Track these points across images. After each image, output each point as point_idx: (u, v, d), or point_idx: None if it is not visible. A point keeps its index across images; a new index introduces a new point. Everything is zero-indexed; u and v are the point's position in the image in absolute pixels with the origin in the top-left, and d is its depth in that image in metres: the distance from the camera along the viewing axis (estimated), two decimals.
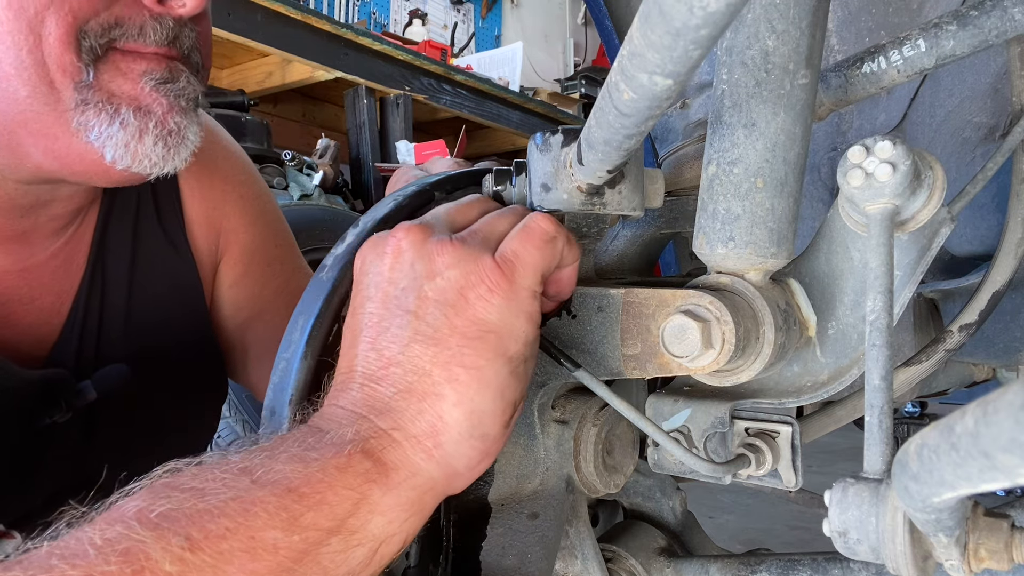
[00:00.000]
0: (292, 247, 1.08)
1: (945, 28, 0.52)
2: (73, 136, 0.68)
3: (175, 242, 0.92)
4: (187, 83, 0.72)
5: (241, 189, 0.99)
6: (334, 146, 3.06)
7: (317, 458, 0.44)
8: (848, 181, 0.44)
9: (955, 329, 0.64)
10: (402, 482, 0.46)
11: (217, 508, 0.40)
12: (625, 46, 0.35)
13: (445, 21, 5.83)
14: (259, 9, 2.93)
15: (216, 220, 0.96)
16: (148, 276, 0.89)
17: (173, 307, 0.91)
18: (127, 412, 0.84)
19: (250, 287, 1.00)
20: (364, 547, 0.44)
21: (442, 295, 0.48)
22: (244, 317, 1.00)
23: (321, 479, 0.43)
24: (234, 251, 0.98)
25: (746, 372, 0.53)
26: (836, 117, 0.90)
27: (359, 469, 0.44)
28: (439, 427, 0.46)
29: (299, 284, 1.04)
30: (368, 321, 0.49)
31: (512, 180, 0.60)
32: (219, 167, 0.97)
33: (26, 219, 0.77)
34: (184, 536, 0.38)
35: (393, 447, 0.46)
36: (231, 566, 0.39)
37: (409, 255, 0.49)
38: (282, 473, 0.43)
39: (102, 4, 0.66)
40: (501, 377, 0.47)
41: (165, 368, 0.89)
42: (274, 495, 0.42)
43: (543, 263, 0.50)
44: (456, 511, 0.60)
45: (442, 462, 0.47)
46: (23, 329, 0.80)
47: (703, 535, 0.77)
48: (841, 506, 0.41)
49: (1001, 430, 0.23)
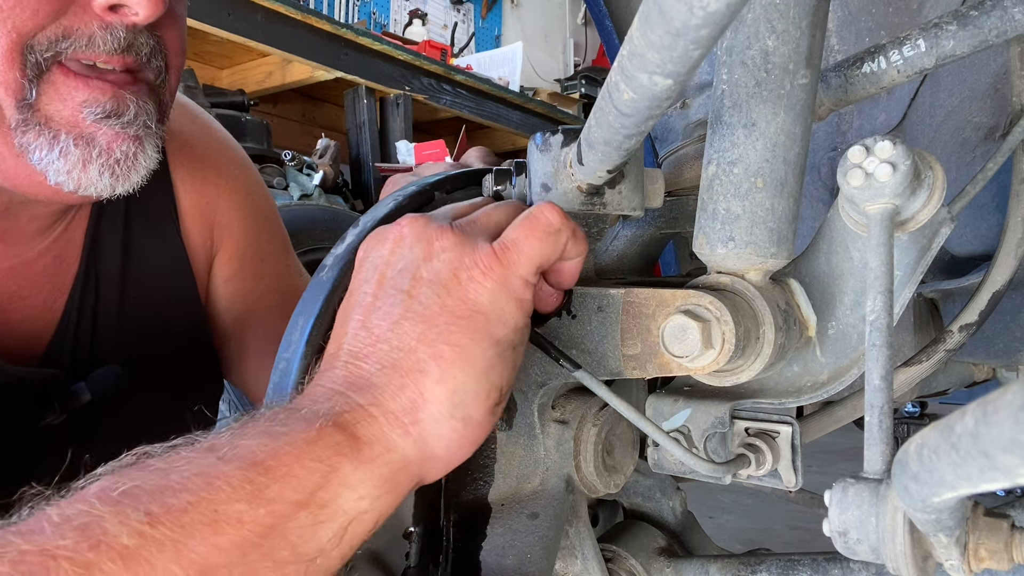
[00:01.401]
0: (285, 243, 1.07)
1: (945, 28, 0.52)
2: (18, 156, 0.66)
3: (168, 239, 0.92)
4: (137, 112, 0.69)
5: (235, 184, 0.98)
6: (334, 146, 3.06)
7: (286, 432, 0.43)
8: (848, 181, 0.44)
9: (955, 329, 0.64)
10: (375, 457, 0.45)
11: (179, 483, 0.40)
12: (625, 46, 0.35)
13: (445, 21, 5.83)
14: (259, 9, 2.93)
15: (210, 215, 0.96)
16: (141, 273, 0.89)
17: (167, 304, 0.91)
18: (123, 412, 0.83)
19: (244, 282, 1.00)
20: (334, 523, 0.43)
21: (436, 276, 0.48)
22: (237, 312, 0.99)
23: (289, 452, 0.42)
24: (229, 246, 0.98)
25: (746, 372, 0.53)
26: (836, 117, 0.90)
27: (329, 442, 0.43)
28: (419, 403, 0.46)
29: (292, 281, 1.04)
30: (362, 301, 0.49)
31: (512, 180, 0.60)
32: (213, 161, 0.96)
33: (3, 220, 0.76)
34: (144, 511, 0.38)
35: (368, 421, 0.45)
36: (192, 539, 0.38)
37: (409, 239, 0.49)
38: (248, 448, 0.42)
39: (48, 17, 0.64)
40: (487, 358, 0.47)
41: (160, 366, 0.89)
42: (239, 468, 0.41)
43: (542, 254, 0.50)
44: (456, 511, 0.60)
45: (419, 440, 0.46)
46: (14, 327, 0.79)
47: (703, 535, 0.77)
48: (841, 506, 0.40)
49: (1001, 430, 0.23)
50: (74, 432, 0.80)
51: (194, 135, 0.95)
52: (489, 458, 0.60)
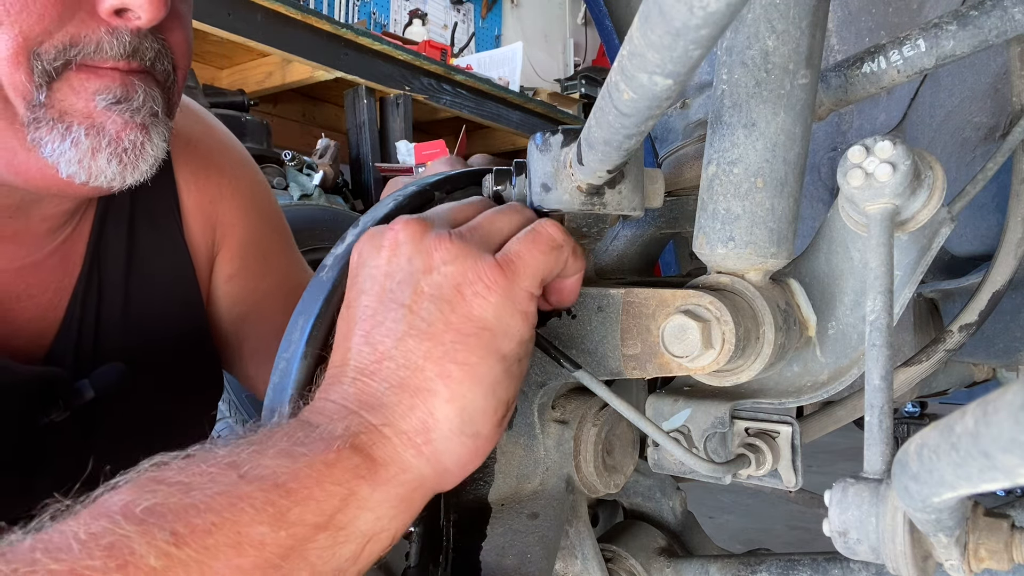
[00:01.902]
0: (289, 241, 1.07)
1: (945, 28, 0.52)
2: (30, 152, 0.67)
3: (171, 238, 0.92)
4: (145, 98, 0.70)
5: (238, 183, 0.99)
6: (334, 146, 3.06)
7: (305, 453, 0.44)
8: (848, 181, 0.44)
9: (955, 329, 0.65)
10: (391, 479, 0.45)
11: (203, 503, 0.40)
12: (625, 46, 0.35)
13: (445, 21, 5.83)
14: (259, 9, 2.93)
15: (212, 213, 0.96)
16: (144, 273, 0.89)
17: (170, 304, 0.91)
18: (126, 410, 0.84)
19: (247, 281, 1.00)
20: (352, 543, 0.43)
21: (438, 290, 0.47)
22: (241, 311, 0.99)
23: (309, 474, 0.43)
24: (231, 244, 0.98)
25: (746, 372, 0.53)
26: (836, 117, 0.90)
27: (348, 465, 0.44)
28: (430, 424, 0.46)
29: (297, 279, 1.04)
30: (363, 314, 0.49)
31: (512, 180, 0.60)
32: (215, 160, 0.97)
33: (16, 220, 0.77)
34: (169, 531, 0.38)
35: (383, 443, 0.46)
36: (217, 561, 0.39)
37: (407, 249, 0.49)
38: (270, 468, 0.42)
39: (54, 24, 0.64)
40: (494, 374, 0.47)
41: (162, 365, 0.89)
42: (261, 490, 0.41)
43: (545, 268, 0.50)
44: (456, 511, 0.60)
45: (432, 459, 0.46)
46: (21, 326, 0.80)
47: (703, 535, 0.77)
48: (841, 506, 0.41)
49: (1001, 430, 0.23)
50: (77, 430, 0.80)
51: (197, 134, 0.96)
52: (489, 458, 0.60)
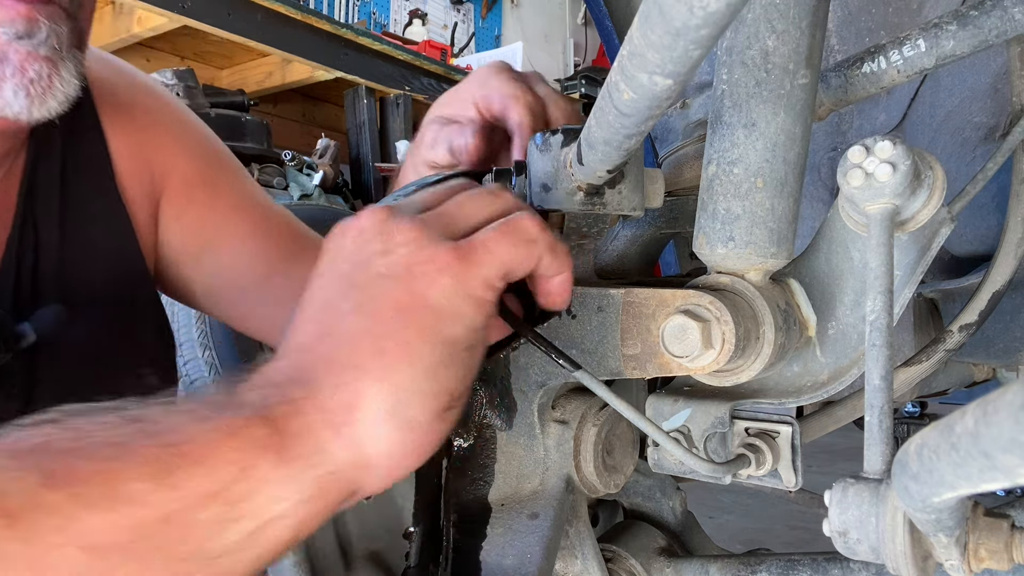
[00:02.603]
0: (232, 166, 1.05)
1: (945, 28, 0.52)
2: None
3: (103, 188, 0.91)
4: (49, 33, 0.70)
5: (167, 122, 0.98)
6: (334, 146, 3.06)
7: (210, 416, 0.41)
8: (848, 181, 0.44)
9: (955, 329, 0.65)
10: (299, 457, 0.42)
11: (89, 449, 0.38)
12: (625, 46, 0.35)
13: (445, 21, 5.83)
14: (259, 9, 2.93)
15: (145, 159, 0.95)
16: (79, 222, 0.89)
17: (106, 252, 0.91)
18: (67, 356, 0.83)
19: (197, 215, 0.98)
20: (246, 522, 0.40)
21: (390, 269, 0.45)
22: (198, 247, 0.98)
23: (208, 438, 0.40)
24: (173, 183, 0.97)
25: (746, 372, 0.53)
26: (836, 117, 0.90)
27: (253, 435, 0.41)
28: (355, 403, 0.43)
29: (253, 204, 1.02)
30: (316, 296, 0.47)
31: (512, 180, 0.60)
32: (142, 103, 0.96)
33: None
34: (44, 472, 0.36)
35: (298, 417, 0.42)
36: (86, 511, 0.36)
37: (368, 234, 0.47)
38: (169, 426, 0.40)
39: None
40: (434, 356, 0.44)
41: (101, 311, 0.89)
42: (154, 446, 0.39)
43: (511, 260, 0.47)
44: (456, 511, 0.60)
45: (352, 443, 0.43)
46: None
47: (703, 535, 0.77)
48: (841, 506, 0.40)
49: (1001, 430, 0.23)
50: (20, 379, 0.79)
51: (118, 82, 0.95)
52: (489, 458, 0.60)
